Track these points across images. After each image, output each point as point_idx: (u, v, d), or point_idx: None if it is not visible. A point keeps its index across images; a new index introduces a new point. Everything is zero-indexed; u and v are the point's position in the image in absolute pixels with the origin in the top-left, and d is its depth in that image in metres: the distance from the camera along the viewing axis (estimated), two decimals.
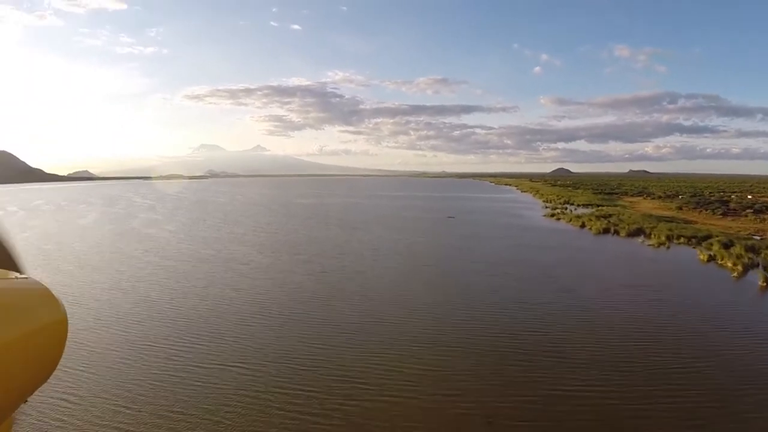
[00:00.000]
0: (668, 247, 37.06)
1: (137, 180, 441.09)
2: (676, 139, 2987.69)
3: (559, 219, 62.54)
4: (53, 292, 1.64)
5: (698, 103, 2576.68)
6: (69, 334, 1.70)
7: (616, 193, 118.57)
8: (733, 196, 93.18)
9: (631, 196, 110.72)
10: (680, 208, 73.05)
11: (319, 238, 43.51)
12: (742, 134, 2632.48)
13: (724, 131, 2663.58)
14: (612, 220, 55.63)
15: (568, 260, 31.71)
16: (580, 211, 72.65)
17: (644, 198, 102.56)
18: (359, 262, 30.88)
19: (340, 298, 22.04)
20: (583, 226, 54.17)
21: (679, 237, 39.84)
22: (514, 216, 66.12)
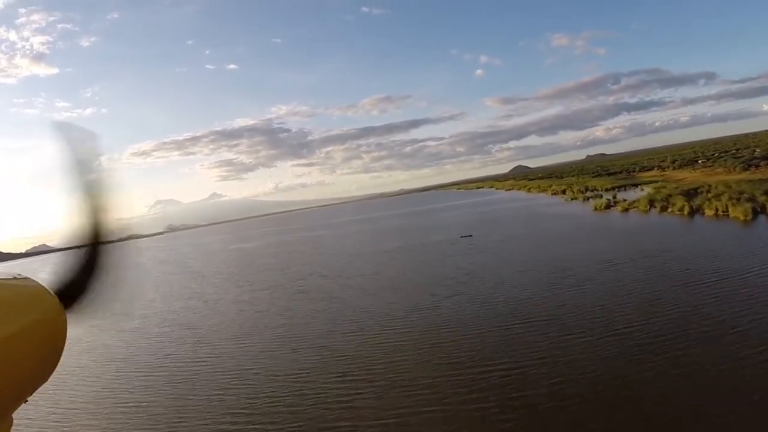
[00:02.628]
0: None
1: None
2: (625, 118, 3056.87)
3: (627, 210, 42.58)
4: (52, 291, 1.61)
5: (641, 79, 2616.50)
6: None
7: (619, 173, 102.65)
8: None
9: (641, 172, 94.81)
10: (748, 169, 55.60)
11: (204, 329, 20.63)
12: (688, 102, 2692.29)
13: (670, 102, 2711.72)
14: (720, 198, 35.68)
15: None
16: (623, 196, 53.30)
17: (674, 170, 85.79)
18: None
19: None
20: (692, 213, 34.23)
21: None
22: (563, 217, 45.28)
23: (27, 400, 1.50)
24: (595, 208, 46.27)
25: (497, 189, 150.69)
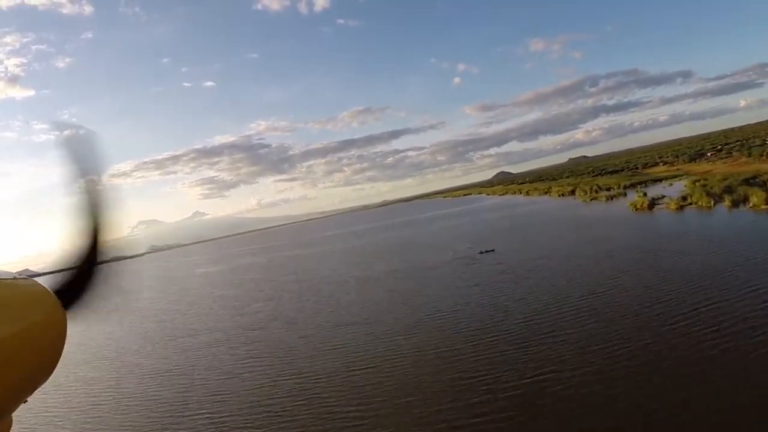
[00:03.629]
0: None
1: None
2: (604, 120, 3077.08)
3: (681, 208, 33.70)
4: (52, 291, 1.66)
5: (619, 81, 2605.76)
6: None
7: (620, 171, 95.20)
8: None
9: (646, 168, 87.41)
10: None
11: None
12: (665, 101, 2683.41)
13: (648, 102, 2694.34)
14: None
15: None
16: (658, 191, 44.73)
17: (684, 163, 78.19)
18: None
19: None
20: None
21: None
22: (601, 221, 36.12)
23: (27, 400, 1.47)
24: (635, 208, 37.28)
25: (489, 195, 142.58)
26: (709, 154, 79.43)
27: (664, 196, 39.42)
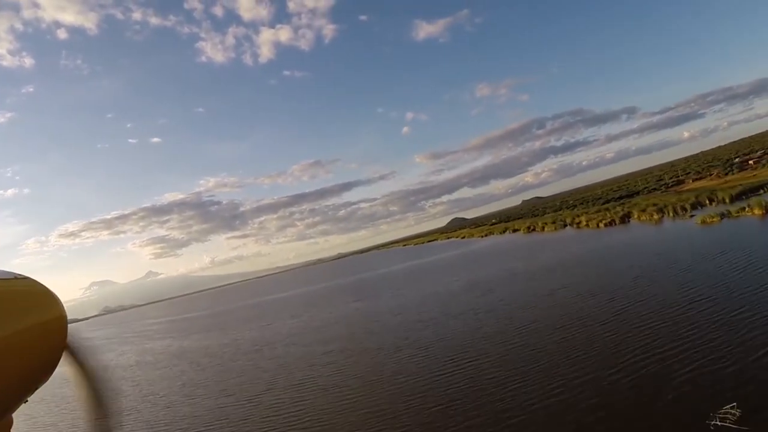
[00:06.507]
0: None
1: None
2: (552, 161, 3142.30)
3: None
4: (53, 291, 1.58)
5: (565, 121, 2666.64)
6: None
7: (613, 200, 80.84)
8: None
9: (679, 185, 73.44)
10: None
11: None
12: (612, 138, 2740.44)
13: (595, 140, 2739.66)
14: None
15: None
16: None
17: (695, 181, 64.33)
18: None
19: None
20: None
21: None
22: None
23: (27, 400, 1.46)
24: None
25: (465, 238, 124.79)
26: (751, 162, 67.34)
27: None
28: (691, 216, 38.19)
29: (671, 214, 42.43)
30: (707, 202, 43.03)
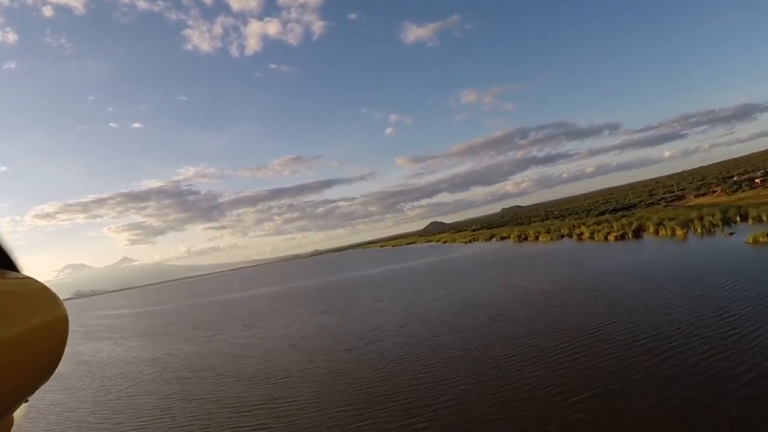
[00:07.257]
0: None
1: None
2: (533, 172, 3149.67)
3: None
4: (53, 290, 1.52)
5: (548, 133, 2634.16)
6: None
7: (608, 212, 75.62)
8: None
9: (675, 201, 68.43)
10: None
11: None
12: (593, 153, 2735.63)
13: (576, 154, 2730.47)
14: None
15: None
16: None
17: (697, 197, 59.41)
18: None
19: None
20: None
21: None
22: None
23: (28, 400, 1.39)
24: None
25: (446, 242, 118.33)
26: (757, 180, 62.77)
27: None
28: (731, 234, 32.00)
29: (699, 230, 36.40)
30: (737, 218, 37.19)
